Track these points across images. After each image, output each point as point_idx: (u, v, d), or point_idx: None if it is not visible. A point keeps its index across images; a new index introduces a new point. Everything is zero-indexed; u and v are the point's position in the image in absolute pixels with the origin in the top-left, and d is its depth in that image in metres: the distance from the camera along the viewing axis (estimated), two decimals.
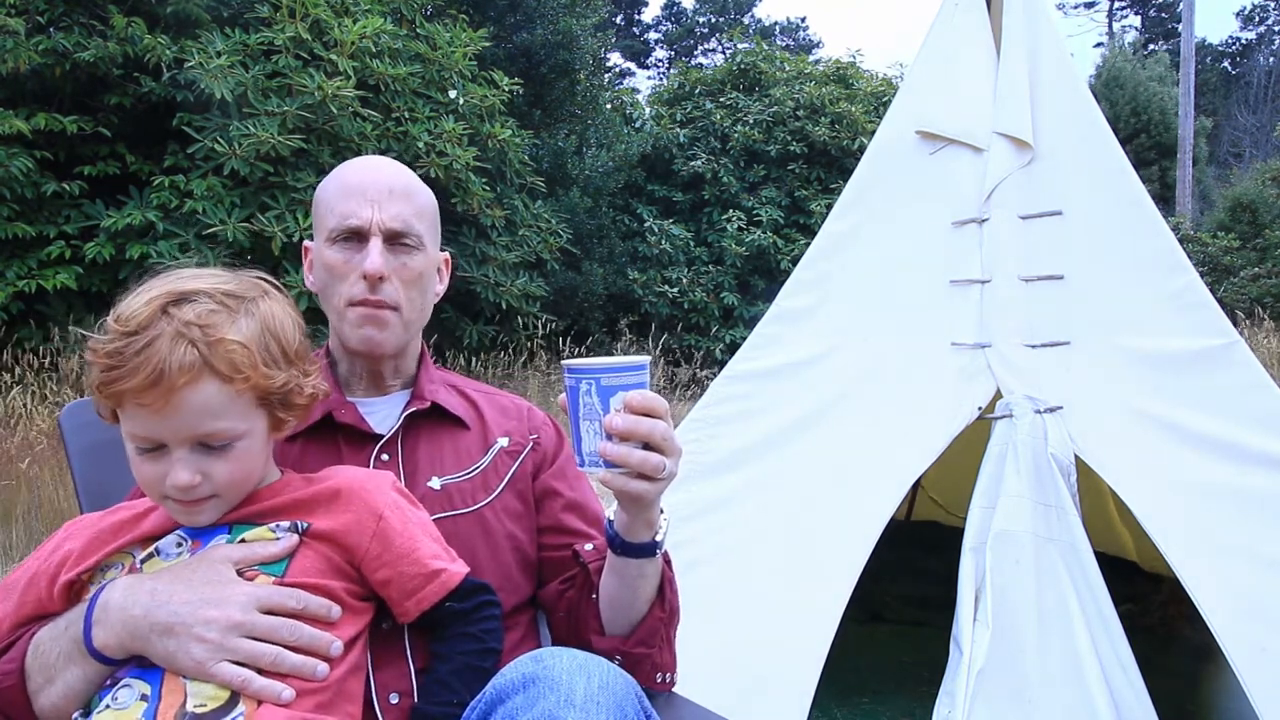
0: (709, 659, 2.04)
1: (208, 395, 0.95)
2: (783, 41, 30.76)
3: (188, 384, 0.94)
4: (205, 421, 0.96)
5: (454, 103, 8.27)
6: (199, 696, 0.90)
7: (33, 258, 6.45)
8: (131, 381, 0.92)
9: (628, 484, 1.03)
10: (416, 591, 1.05)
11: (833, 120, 11.71)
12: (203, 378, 0.95)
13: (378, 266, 1.20)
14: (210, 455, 0.98)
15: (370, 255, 1.20)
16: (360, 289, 1.21)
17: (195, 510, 1.00)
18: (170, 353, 0.93)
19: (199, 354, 0.94)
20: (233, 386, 0.97)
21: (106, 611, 0.94)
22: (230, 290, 1.01)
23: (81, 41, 6.50)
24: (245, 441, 1.00)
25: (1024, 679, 2.01)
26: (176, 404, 0.94)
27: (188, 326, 0.95)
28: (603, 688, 0.91)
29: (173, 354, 0.93)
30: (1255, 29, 33.92)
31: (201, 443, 0.97)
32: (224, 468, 0.99)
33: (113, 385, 0.93)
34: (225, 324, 0.97)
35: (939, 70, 2.70)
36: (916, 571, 3.66)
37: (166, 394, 0.93)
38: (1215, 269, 12.80)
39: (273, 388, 1.00)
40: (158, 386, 0.92)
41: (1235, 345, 2.31)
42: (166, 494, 0.99)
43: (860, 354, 2.54)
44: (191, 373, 0.94)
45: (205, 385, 0.95)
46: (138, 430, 0.96)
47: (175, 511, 1.01)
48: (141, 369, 0.92)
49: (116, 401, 0.96)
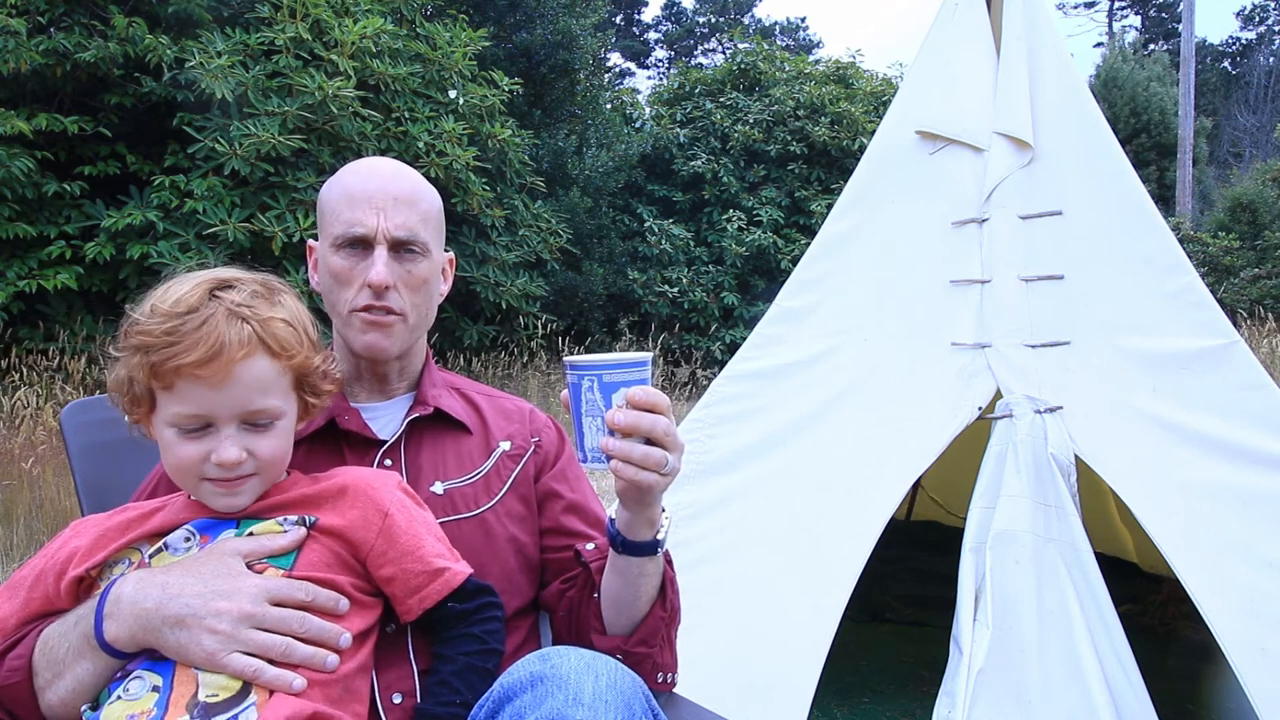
0: (709, 659, 2.05)
1: (261, 370, 1.00)
2: (783, 41, 30.76)
3: (245, 357, 0.98)
4: (256, 397, 1.00)
5: (454, 103, 8.27)
6: (211, 687, 0.91)
7: (33, 258, 6.45)
8: (192, 355, 0.95)
9: (636, 475, 1.04)
10: (420, 589, 1.06)
11: (833, 120, 11.71)
12: (257, 352, 0.99)
13: (383, 277, 1.20)
14: (254, 433, 1.01)
15: (376, 266, 1.20)
16: (365, 297, 1.21)
17: (235, 490, 1.02)
18: (229, 327, 0.97)
19: (253, 330, 0.99)
20: (281, 363, 1.02)
21: (118, 605, 0.94)
22: (262, 280, 1.07)
23: (82, 42, 6.49)
24: (285, 421, 1.04)
25: (1024, 679, 2.01)
26: (234, 377, 0.97)
27: (239, 307, 1.00)
28: (610, 686, 0.91)
29: (230, 329, 0.97)
30: (1255, 29, 33.96)
31: (248, 420, 1.01)
32: (267, 445, 1.02)
33: (171, 361, 0.95)
34: (267, 307, 1.03)
35: (939, 70, 2.70)
36: (916, 571, 3.67)
37: (226, 366, 0.96)
38: (1215, 269, 12.80)
39: (310, 367, 1.06)
40: (218, 359, 0.96)
41: (1235, 345, 2.31)
42: (206, 475, 1.00)
43: (860, 354, 2.54)
44: (249, 346, 0.98)
45: (259, 360, 1.00)
46: (187, 409, 0.98)
47: (212, 495, 1.02)
48: (202, 343, 0.95)
49: (170, 379, 0.97)
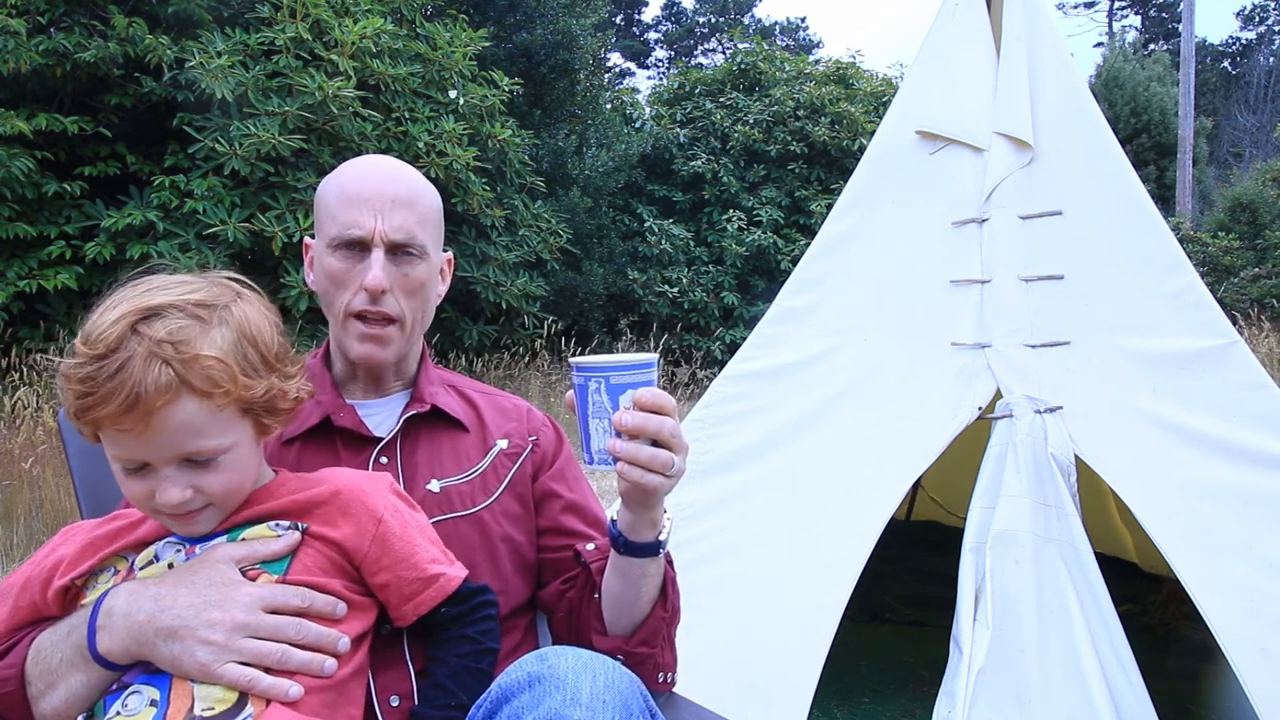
0: (709, 659, 2.05)
1: (188, 414, 0.91)
2: (783, 41, 30.77)
3: (165, 405, 0.89)
4: (188, 440, 0.93)
5: (454, 103, 8.27)
6: (207, 699, 0.90)
7: (33, 258, 6.45)
8: (108, 408, 0.88)
9: (643, 476, 1.04)
10: (414, 596, 1.05)
11: (833, 120, 11.71)
12: (180, 397, 0.90)
13: (379, 281, 1.19)
14: (198, 470, 0.95)
15: (372, 269, 1.19)
16: (361, 300, 1.20)
17: (191, 521, 0.98)
18: (145, 374, 0.88)
19: (174, 373, 0.90)
20: (213, 402, 0.93)
21: (111, 617, 0.93)
22: (201, 299, 0.96)
23: (82, 42, 6.50)
24: (232, 453, 0.97)
25: (1024, 679, 2.01)
26: (156, 426, 0.90)
27: (160, 345, 0.90)
28: (608, 686, 0.91)
29: (147, 375, 0.88)
30: (1255, 29, 33.95)
31: (188, 459, 0.94)
32: (215, 480, 0.96)
33: (89, 412, 0.89)
34: (199, 338, 0.92)
35: (939, 70, 2.70)
36: (916, 571, 3.67)
37: (145, 417, 0.89)
38: (1215, 269, 12.79)
39: (254, 398, 0.96)
40: (134, 411, 0.88)
41: (1235, 345, 2.31)
42: (158, 510, 0.96)
43: (860, 354, 2.54)
44: (169, 393, 0.89)
45: (184, 404, 0.91)
46: (120, 453, 0.93)
47: (171, 524, 0.99)
48: (116, 394, 0.87)
49: (95, 427, 0.91)
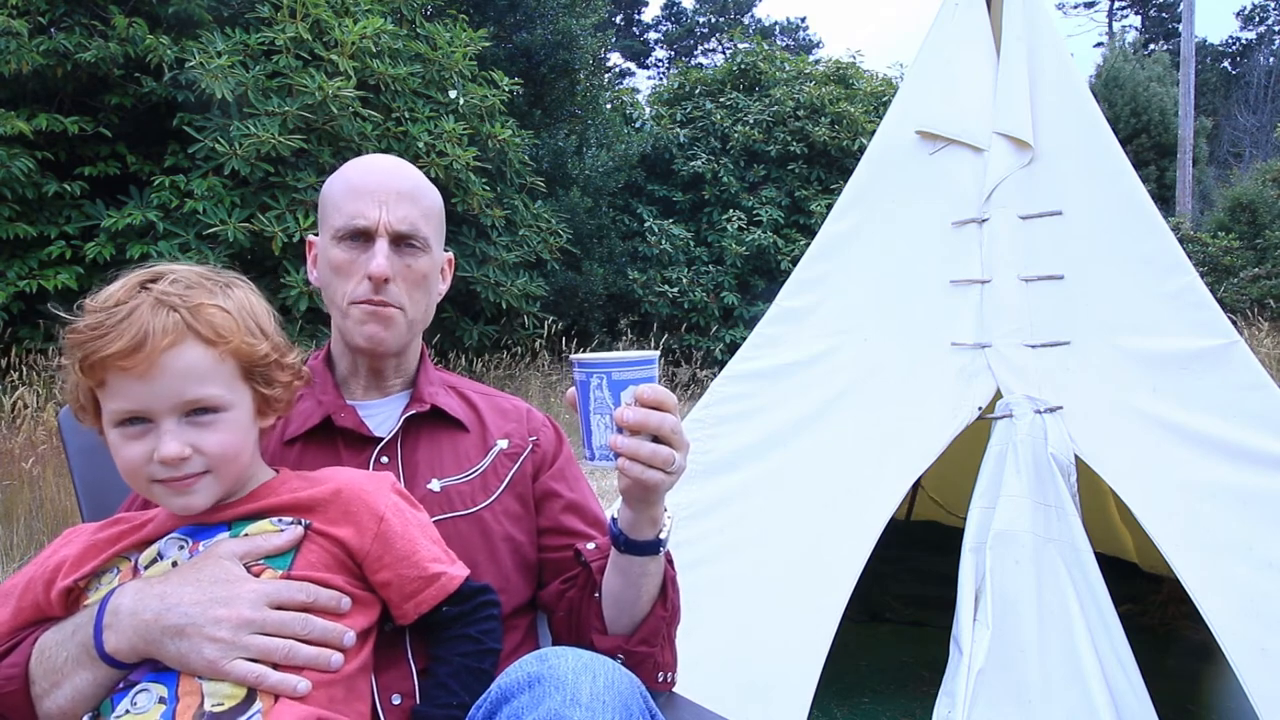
0: (709, 658, 2.05)
1: (192, 358, 0.94)
2: (783, 41, 30.78)
3: (171, 345, 0.93)
4: (191, 386, 0.94)
5: (454, 103, 8.27)
6: (216, 696, 0.90)
7: (34, 258, 6.45)
8: (114, 346, 0.91)
9: (644, 473, 1.04)
10: (415, 594, 1.05)
11: (833, 120, 11.71)
12: (186, 340, 0.94)
13: (383, 269, 1.20)
14: (198, 428, 0.96)
15: (376, 257, 1.20)
16: (365, 289, 1.22)
17: (187, 489, 0.97)
18: (152, 317, 0.93)
19: (180, 317, 0.94)
20: (216, 350, 0.96)
21: (117, 616, 0.93)
22: (203, 273, 1.02)
23: (83, 42, 6.50)
24: (233, 413, 0.99)
25: (1024, 679, 2.01)
26: (161, 367, 0.92)
27: (167, 295, 0.95)
28: (608, 687, 0.91)
29: (154, 318, 0.93)
30: (1255, 29, 33.95)
31: (188, 412, 0.96)
32: (214, 439, 0.97)
33: (95, 354, 0.91)
34: (204, 295, 0.98)
35: (939, 70, 2.70)
36: (916, 571, 3.67)
37: (150, 357, 0.92)
38: (1215, 269, 12.79)
39: (256, 356, 1.00)
40: (141, 350, 0.91)
41: (1235, 345, 2.31)
42: (154, 476, 0.95)
43: (860, 354, 2.54)
44: (174, 334, 0.93)
45: (189, 348, 0.94)
46: (122, 405, 0.94)
47: (165, 496, 0.97)
48: (124, 334, 0.91)
49: (100, 374, 0.93)
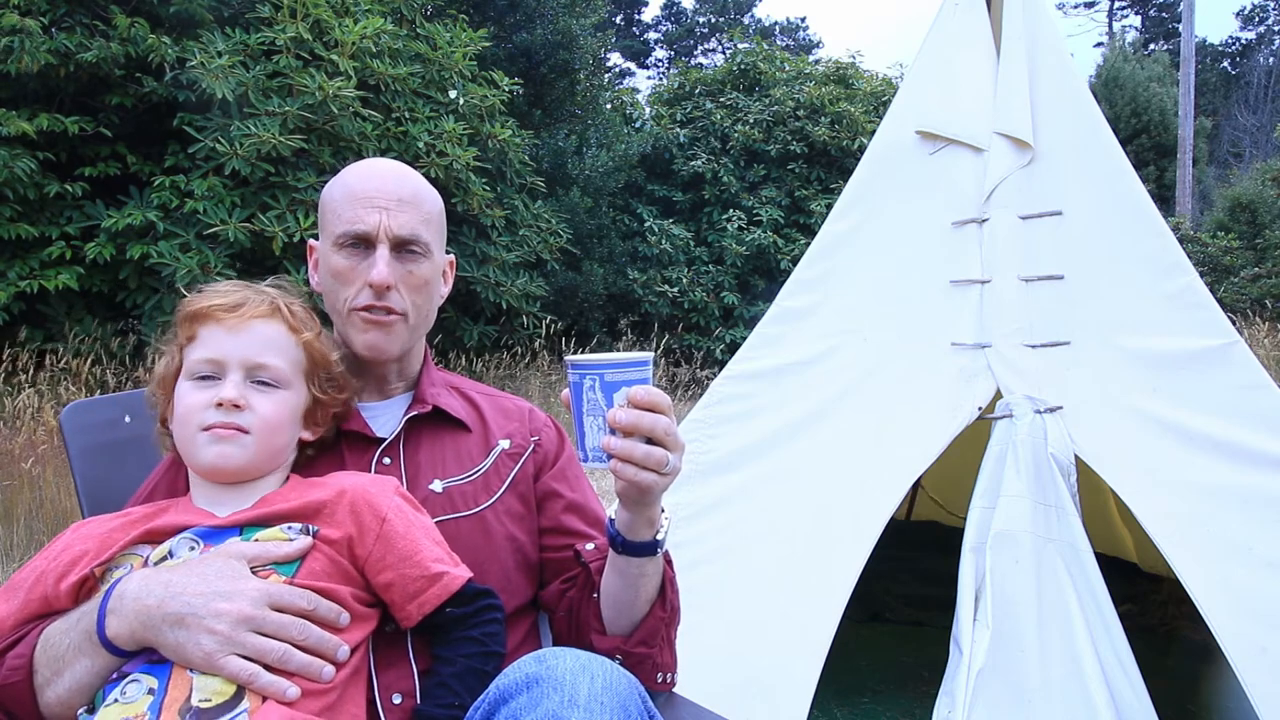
0: (709, 659, 2.05)
1: (274, 331, 1.15)
2: (783, 41, 30.75)
3: (262, 316, 1.15)
4: (265, 352, 1.13)
5: (454, 103, 8.27)
6: (204, 691, 0.91)
7: (34, 258, 6.44)
8: (218, 300, 1.13)
9: (637, 474, 1.04)
10: (418, 595, 1.06)
11: (833, 120, 11.70)
12: (275, 318, 1.16)
13: (384, 277, 1.20)
14: (257, 391, 1.11)
15: (377, 265, 1.21)
16: (366, 296, 1.22)
17: (229, 438, 1.07)
18: (254, 294, 1.17)
19: (274, 300, 1.18)
20: (295, 336, 1.16)
21: (122, 601, 0.95)
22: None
23: (84, 42, 6.49)
24: (288, 393, 1.14)
25: (1024, 679, 2.01)
26: (248, 328, 1.13)
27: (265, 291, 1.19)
28: (606, 688, 0.91)
29: (255, 297, 1.17)
30: (1255, 29, 33.93)
31: (253, 373, 1.12)
32: (266, 404, 1.11)
33: (200, 305, 1.13)
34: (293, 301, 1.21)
35: (939, 70, 2.70)
36: (916, 571, 3.67)
37: (243, 316, 1.13)
38: (1215, 269, 12.78)
39: (324, 355, 1.18)
40: (239, 310, 1.13)
41: (1235, 345, 2.31)
42: (205, 422, 1.08)
43: (860, 354, 2.54)
44: (267, 310, 1.16)
45: (275, 324, 1.16)
46: (203, 353, 1.11)
47: (206, 445, 1.07)
48: (229, 297, 1.15)
49: (196, 325, 1.13)
